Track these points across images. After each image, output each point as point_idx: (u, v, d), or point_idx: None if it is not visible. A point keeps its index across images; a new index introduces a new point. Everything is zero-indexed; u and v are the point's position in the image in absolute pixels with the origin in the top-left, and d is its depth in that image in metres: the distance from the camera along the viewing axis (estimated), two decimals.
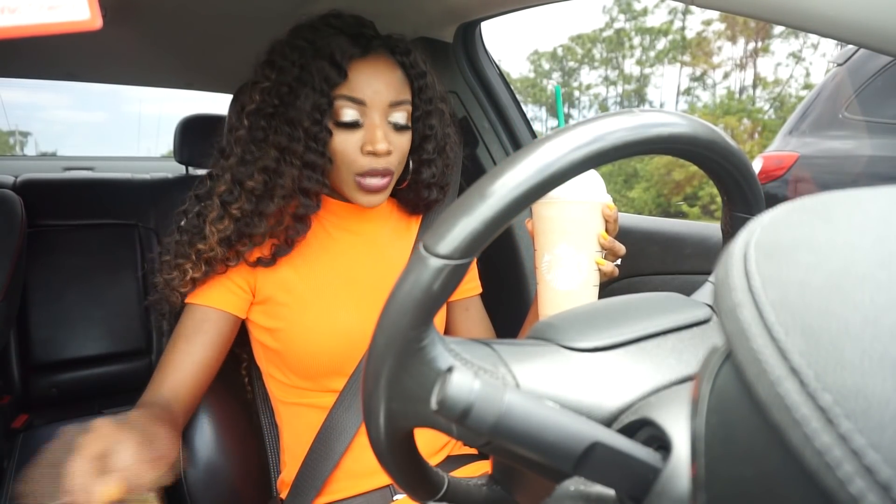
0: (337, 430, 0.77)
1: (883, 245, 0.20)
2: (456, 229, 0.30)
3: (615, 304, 0.39)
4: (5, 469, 0.90)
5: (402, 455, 0.36)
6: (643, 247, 1.01)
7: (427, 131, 0.84)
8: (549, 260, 0.63)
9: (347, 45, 0.75)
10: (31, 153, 7.11)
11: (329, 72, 0.74)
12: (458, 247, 0.30)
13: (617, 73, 15.45)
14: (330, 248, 0.84)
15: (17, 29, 0.38)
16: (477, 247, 0.31)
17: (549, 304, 0.63)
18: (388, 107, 0.77)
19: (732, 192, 0.46)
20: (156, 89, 2.06)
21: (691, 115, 0.40)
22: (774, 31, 11.39)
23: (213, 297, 0.77)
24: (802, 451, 0.17)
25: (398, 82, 0.78)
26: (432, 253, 0.31)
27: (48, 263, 1.67)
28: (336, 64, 0.74)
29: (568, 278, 0.62)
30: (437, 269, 0.30)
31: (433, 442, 0.84)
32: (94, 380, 1.72)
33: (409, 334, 0.31)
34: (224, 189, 0.75)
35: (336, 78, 0.74)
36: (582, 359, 0.34)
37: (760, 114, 10.80)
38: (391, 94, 0.77)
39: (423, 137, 0.84)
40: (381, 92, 0.76)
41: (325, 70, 0.74)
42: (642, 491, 0.27)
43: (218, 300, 0.77)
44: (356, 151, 0.76)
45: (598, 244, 0.63)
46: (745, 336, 0.20)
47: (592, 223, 0.63)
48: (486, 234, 0.30)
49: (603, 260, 0.64)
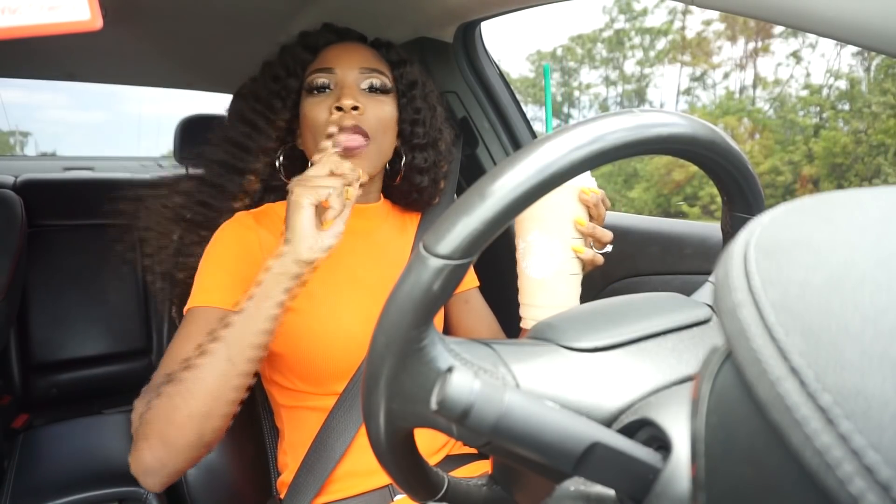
0: (337, 431, 0.77)
1: (883, 245, 0.20)
2: (456, 229, 0.30)
3: (615, 304, 0.39)
4: (5, 469, 0.90)
5: (402, 455, 0.36)
6: (643, 247, 1.01)
7: (414, 115, 0.85)
8: (524, 247, 0.62)
9: (324, 34, 0.82)
10: (31, 153, 7.12)
11: (302, 54, 0.80)
12: (458, 247, 0.30)
13: (617, 73, 15.47)
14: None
15: (17, 29, 0.38)
16: (477, 247, 0.31)
17: (525, 292, 0.63)
18: (358, 73, 0.79)
19: (732, 192, 0.46)
20: (156, 89, 2.06)
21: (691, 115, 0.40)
22: (774, 31, 11.39)
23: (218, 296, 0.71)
24: (802, 451, 0.17)
25: (370, 57, 0.81)
26: (432, 253, 0.31)
27: (48, 263, 1.67)
28: (309, 47, 0.80)
29: (541, 266, 0.61)
30: (437, 269, 0.30)
31: (433, 442, 0.84)
32: (94, 380, 1.72)
33: (410, 334, 0.31)
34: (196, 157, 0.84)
35: (306, 56, 0.80)
36: (582, 359, 0.34)
37: (760, 114, 10.80)
38: (361, 61, 0.79)
39: (412, 122, 0.85)
40: (352, 59, 0.79)
41: (298, 54, 0.80)
42: (642, 491, 0.27)
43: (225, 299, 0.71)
44: (326, 113, 0.77)
45: (575, 230, 0.62)
46: (746, 336, 0.20)
47: (565, 209, 0.61)
48: (486, 234, 0.30)
49: (581, 247, 0.62)
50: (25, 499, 0.80)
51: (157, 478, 0.60)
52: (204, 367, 0.58)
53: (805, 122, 9.99)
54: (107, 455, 0.92)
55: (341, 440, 0.76)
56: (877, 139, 8.42)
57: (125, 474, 0.86)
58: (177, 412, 0.57)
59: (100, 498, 0.82)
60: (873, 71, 9.21)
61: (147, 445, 0.58)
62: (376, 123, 0.78)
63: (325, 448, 0.76)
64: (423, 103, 0.87)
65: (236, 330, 0.59)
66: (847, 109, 9.59)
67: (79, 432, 0.99)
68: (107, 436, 0.98)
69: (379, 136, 0.79)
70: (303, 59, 0.80)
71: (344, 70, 0.78)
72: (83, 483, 0.83)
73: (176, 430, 0.57)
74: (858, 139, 8.76)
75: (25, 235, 1.32)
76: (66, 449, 0.94)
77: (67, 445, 0.95)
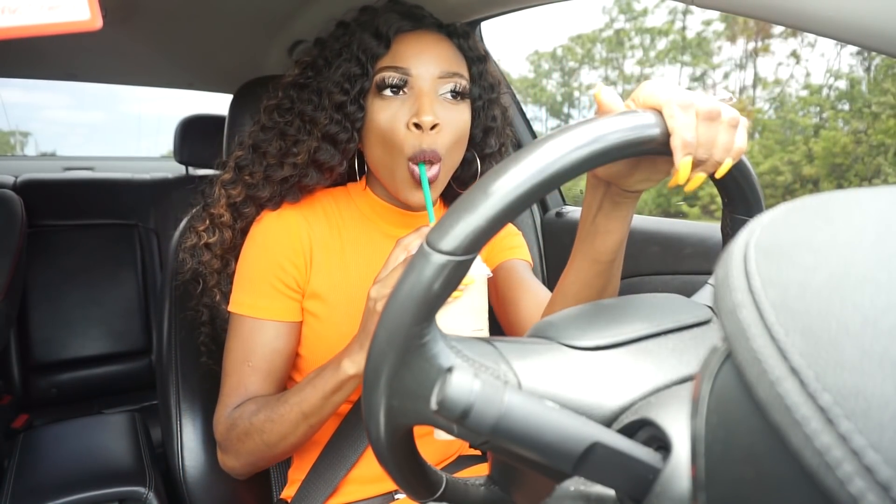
0: (351, 438, 0.75)
1: (883, 245, 0.20)
2: (459, 226, 0.31)
3: (616, 303, 0.39)
4: (5, 469, 0.90)
5: (402, 454, 0.36)
6: (643, 247, 1.01)
7: (490, 123, 0.78)
8: None
9: (395, 18, 0.70)
10: (31, 153, 7.14)
11: (370, 43, 0.69)
12: (461, 243, 0.30)
13: (617, 73, 15.47)
14: (368, 254, 0.77)
15: (17, 29, 0.38)
16: (480, 243, 0.31)
17: None
18: (437, 78, 0.68)
19: (732, 193, 0.46)
20: (156, 89, 2.06)
21: None
22: (774, 31, 11.38)
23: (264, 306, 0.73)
24: (802, 451, 0.17)
25: (450, 56, 0.70)
26: (435, 249, 0.31)
27: (48, 263, 1.67)
28: (379, 35, 0.69)
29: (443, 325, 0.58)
30: (440, 265, 0.30)
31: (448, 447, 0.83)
32: (94, 380, 1.72)
33: (412, 330, 0.31)
34: (241, 154, 0.74)
35: (377, 49, 0.68)
36: (583, 357, 0.34)
37: (760, 114, 10.81)
38: (441, 65, 0.69)
39: (485, 130, 0.78)
40: (430, 61, 0.68)
41: (365, 42, 0.69)
42: (642, 491, 0.27)
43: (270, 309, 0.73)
44: (401, 125, 0.67)
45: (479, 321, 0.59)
46: (746, 336, 0.20)
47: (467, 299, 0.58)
48: (489, 230, 0.31)
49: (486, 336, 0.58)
50: (25, 499, 0.80)
51: (243, 476, 0.75)
52: (285, 428, 0.65)
53: (805, 122, 10.00)
54: (107, 455, 0.92)
55: (354, 447, 0.75)
56: (877, 139, 8.42)
57: (125, 474, 0.87)
58: (265, 455, 0.68)
59: (100, 498, 0.82)
60: (873, 71, 9.21)
61: (237, 461, 0.71)
62: (450, 139, 0.69)
63: (336, 454, 0.76)
64: (499, 109, 0.79)
65: (314, 406, 0.63)
66: (847, 109, 9.59)
67: (79, 432, 0.99)
68: (107, 436, 0.98)
69: (452, 153, 0.70)
70: (374, 53, 0.69)
71: (421, 73, 0.68)
72: (83, 483, 0.83)
73: (264, 462, 0.70)
74: (858, 139, 8.76)
75: (25, 235, 1.32)
76: (66, 449, 0.94)
77: (67, 445, 0.95)
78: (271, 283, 0.72)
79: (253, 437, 0.66)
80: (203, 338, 0.81)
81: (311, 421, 0.64)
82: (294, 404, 0.64)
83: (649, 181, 0.48)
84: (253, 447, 0.67)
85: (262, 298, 0.72)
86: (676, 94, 0.39)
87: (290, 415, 0.64)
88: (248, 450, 0.68)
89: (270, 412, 0.66)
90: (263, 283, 0.72)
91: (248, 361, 0.71)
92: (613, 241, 0.52)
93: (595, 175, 0.50)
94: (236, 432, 0.68)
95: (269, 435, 0.65)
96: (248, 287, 0.73)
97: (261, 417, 0.66)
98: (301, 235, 0.74)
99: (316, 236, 0.75)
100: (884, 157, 8.35)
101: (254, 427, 0.66)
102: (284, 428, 0.65)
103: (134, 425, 1.03)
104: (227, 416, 0.70)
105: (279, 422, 0.65)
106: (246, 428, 0.67)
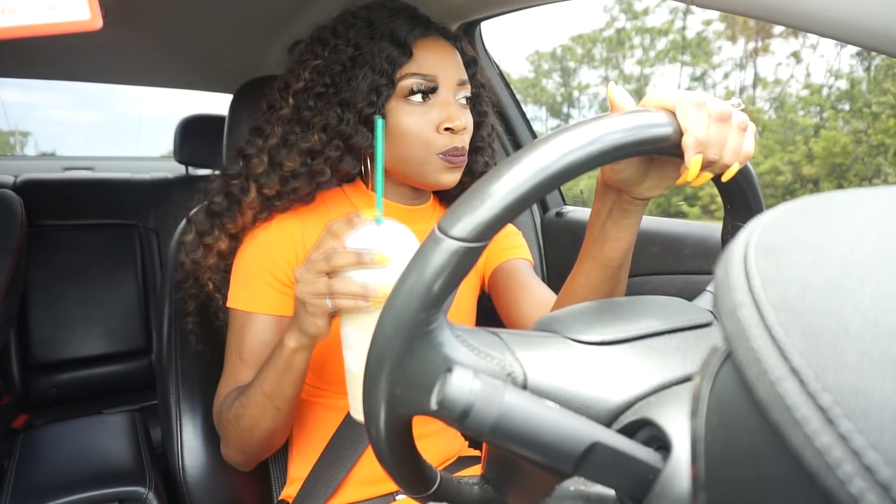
0: (351, 438, 0.76)
1: (883, 245, 0.20)
2: (473, 212, 0.30)
3: (620, 302, 0.40)
4: (5, 469, 0.90)
5: (399, 445, 0.36)
6: (643, 247, 1.01)
7: (480, 118, 0.82)
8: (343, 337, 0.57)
9: (408, 24, 0.73)
10: (31, 153, 7.14)
11: (392, 51, 0.70)
12: (473, 229, 0.30)
13: (617, 73, 15.47)
14: None
15: (17, 29, 0.38)
16: (493, 231, 0.31)
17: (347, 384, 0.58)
18: (457, 85, 0.74)
19: (735, 199, 0.46)
20: (156, 89, 2.06)
21: None
22: (774, 31, 11.39)
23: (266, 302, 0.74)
24: (802, 451, 0.17)
25: (460, 63, 0.76)
26: (447, 234, 0.30)
27: (48, 263, 1.67)
28: (400, 43, 0.71)
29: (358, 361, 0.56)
30: (451, 250, 0.30)
31: (450, 446, 0.84)
32: (94, 380, 1.72)
33: (419, 316, 0.31)
34: (262, 171, 0.73)
35: (401, 57, 0.71)
36: (588, 351, 0.34)
37: (760, 113, 10.80)
38: (459, 73, 0.75)
39: (476, 125, 0.82)
40: (450, 69, 0.73)
41: (387, 50, 0.71)
42: (642, 491, 0.27)
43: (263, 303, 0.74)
44: (432, 130, 0.72)
45: None
46: (746, 336, 0.20)
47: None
48: (503, 217, 0.30)
49: None
50: (25, 499, 0.80)
51: (244, 468, 0.79)
52: (255, 412, 0.67)
53: (805, 122, 9.99)
54: (107, 455, 0.92)
55: (355, 447, 0.76)
56: (877, 139, 8.41)
57: (125, 474, 0.87)
58: (246, 442, 0.71)
59: (100, 498, 0.81)
60: (873, 71, 9.21)
61: (230, 451, 0.75)
62: (468, 136, 0.76)
63: (336, 454, 0.76)
64: (489, 106, 0.84)
65: (273, 386, 0.65)
66: (847, 109, 9.58)
67: (79, 432, 0.99)
68: (107, 436, 0.98)
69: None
70: (398, 61, 0.71)
71: (445, 81, 0.73)
72: (83, 483, 0.83)
73: (250, 449, 0.73)
74: (858, 139, 8.75)
75: (25, 235, 1.32)
76: (66, 449, 0.94)
77: (67, 445, 0.95)
78: (263, 277, 0.74)
79: (232, 423, 0.70)
80: (191, 326, 0.82)
81: (275, 403, 0.66)
82: (257, 387, 0.66)
83: (658, 188, 0.50)
84: (234, 434, 0.71)
85: (255, 293, 0.74)
86: (689, 95, 0.40)
87: (256, 397, 0.67)
88: (232, 437, 0.72)
89: (243, 398, 0.68)
90: (256, 279, 0.74)
91: (240, 354, 0.74)
92: (622, 248, 0.54)
93: (605, 183, 0.52)
94: (222, 420, 0.72)
95: (244, 419, 0.68)
96: (242, 283, 0.75)
97: (237, 404, 0.69)
98: (294, 233, 0.76)
99: (309, 234, 0.76)
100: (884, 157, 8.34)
101: (232, 413, 0.70)
102: (255, 411, 0.67)
103: (134, 425, 1.03)
104: (218, 406, 0.75)
105: (248, 405, 0.67)
106: (227, 416, 0.71)
